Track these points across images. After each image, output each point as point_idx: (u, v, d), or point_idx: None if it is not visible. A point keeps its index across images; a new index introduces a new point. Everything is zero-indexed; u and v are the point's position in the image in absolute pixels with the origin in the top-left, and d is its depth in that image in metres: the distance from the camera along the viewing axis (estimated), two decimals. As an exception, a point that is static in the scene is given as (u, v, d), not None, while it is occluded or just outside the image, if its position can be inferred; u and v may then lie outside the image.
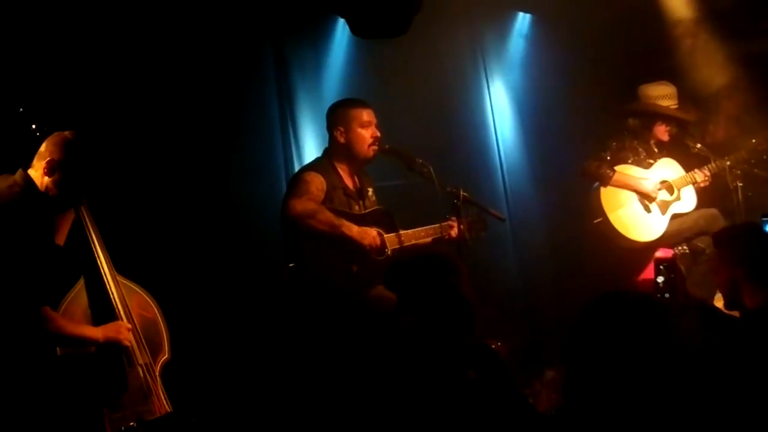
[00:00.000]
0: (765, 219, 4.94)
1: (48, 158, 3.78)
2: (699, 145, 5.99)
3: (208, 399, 4.63)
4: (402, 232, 5.06)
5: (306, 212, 4.79)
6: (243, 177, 5.88)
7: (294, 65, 6.35)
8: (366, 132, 5.05)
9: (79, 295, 4.00)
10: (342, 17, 5.89)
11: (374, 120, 5.09)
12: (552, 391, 4.86)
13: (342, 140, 5.07)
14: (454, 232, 5.07)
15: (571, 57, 6.45)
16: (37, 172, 3.80)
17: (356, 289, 4.80)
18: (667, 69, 6.28)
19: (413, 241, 5.07)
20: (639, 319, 2.42)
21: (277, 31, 6.20)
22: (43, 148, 3.82)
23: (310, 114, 6.20)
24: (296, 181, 4.99)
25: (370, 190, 5.22)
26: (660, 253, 5.82)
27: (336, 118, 5.11)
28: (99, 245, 4.06)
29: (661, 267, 3.60)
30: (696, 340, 3.28)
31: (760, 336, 3.38)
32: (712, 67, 6.13)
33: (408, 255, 3.77)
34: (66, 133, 3.84)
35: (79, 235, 4.06)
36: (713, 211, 5.89)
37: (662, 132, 5.99)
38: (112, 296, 4.03)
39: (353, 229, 4.86)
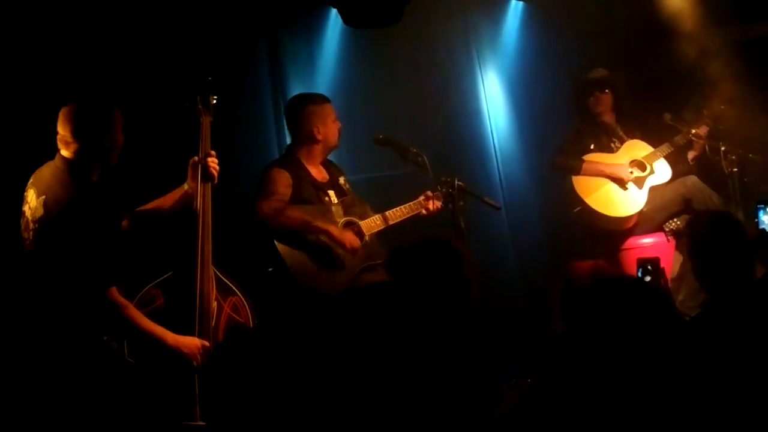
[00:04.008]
0: (760, 206, 4.95)
1: (60, 134, 3.78)
2: (669, 116, 5.96)
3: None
4: (387, 213, 5.08)
5: (273, 212, 4.79)
6: (237, 170, 5.85)
7: (287, 56, 6.34)
8: (336, 126, 5.09)
9: (163, 282, 3.97)
10: (334, 7, 5.89)
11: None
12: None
13: (319, 137, 5.05)
14: (431, 206, 5.10)
15: (564, 44, 6.43)
16: (63, 151, 3.80)
17: (342, 281, 4.82)
18: (661, 54, 6.27)
19: (395, 221, 5.09)
20: (636, 303, 2.44)
21: (269, 22, 6.19)
22: (59, 128, 3.81)
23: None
24: (262, 180, 4.97)
25: (342, 179, 5.21)
26: (647, 241, 5.80)
27: (311, 115, 5.08)
28: (206, 239, 3.99)
29: (648, 267, 3.62)
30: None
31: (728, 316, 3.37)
32: (707, 52, 6.11)
33: (409, 241, 3.78)
34: (65, 107, 3.81)
35: (190, 225, 4.01)
36: (692, 177, 5.86)
37: (592, 103, 5.97)
38: (198, 293, 3.95)
39: (330, 223, 4.88)
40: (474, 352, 3.16)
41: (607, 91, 5.98)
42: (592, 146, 5.94)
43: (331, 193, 5.09)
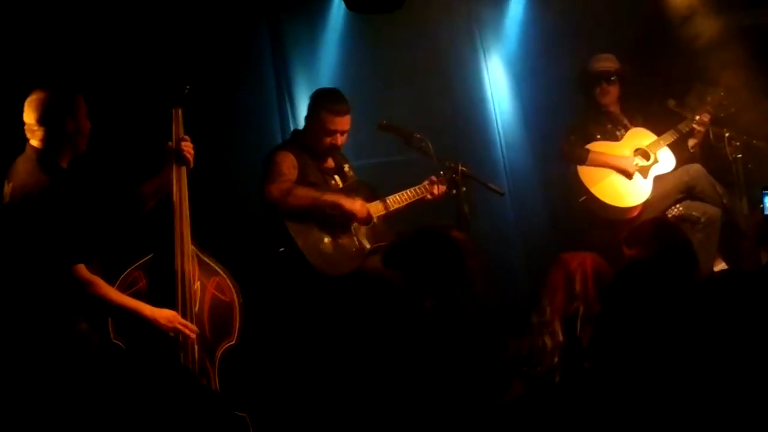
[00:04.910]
0: (766, 192, 4.96)
1: (26, 124, 3.85)
2: (673, 102, 5.95)
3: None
4: (387, 198, 5.11)
5: (282, 193, 4.83)
6: (240, 156, 5.86)
7: (290, 42, 6.34)
8: (327, 138, 5.06)
9: (145, 264, 4.03)
10: (337, -8, 5.88)
11: (344, 128, 5.08)
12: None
13: (307, 132, 5.13)
14: (436, 190, 5.12)
15: (568, 29, 6.40)
16: (31, 141, 3.87)
17: (352, 262, 4.83)
18: (665, 39, 6.25)
19: (397, 206, 5.12)
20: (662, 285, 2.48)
21: (272, 7, 6.18)
22: (24, 117, 3.87)
23: (307, 91, 6.10)
24: (268, 164, 5.00)
25: (346, 166, 5.24)
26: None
27: (311, 110, 5.13)
28: (184, 220, 4.08)
29: None
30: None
31: None
32: (711, 38, 6.09)
33: (409, 232, 3.79)
34: (29, 96, 3.87)
35: (166, 207, 4.11)
36: (695, 165, 5.84)
37: (599, 94, 5.95)
38: (179, 274, 4.01)
39: (340, 195, 4.91)
40: (479, 339, 3.17)
41: (614, 83, 5.96)
42: (598, 136, 5.93)
43: (337, 177, 5.14)
